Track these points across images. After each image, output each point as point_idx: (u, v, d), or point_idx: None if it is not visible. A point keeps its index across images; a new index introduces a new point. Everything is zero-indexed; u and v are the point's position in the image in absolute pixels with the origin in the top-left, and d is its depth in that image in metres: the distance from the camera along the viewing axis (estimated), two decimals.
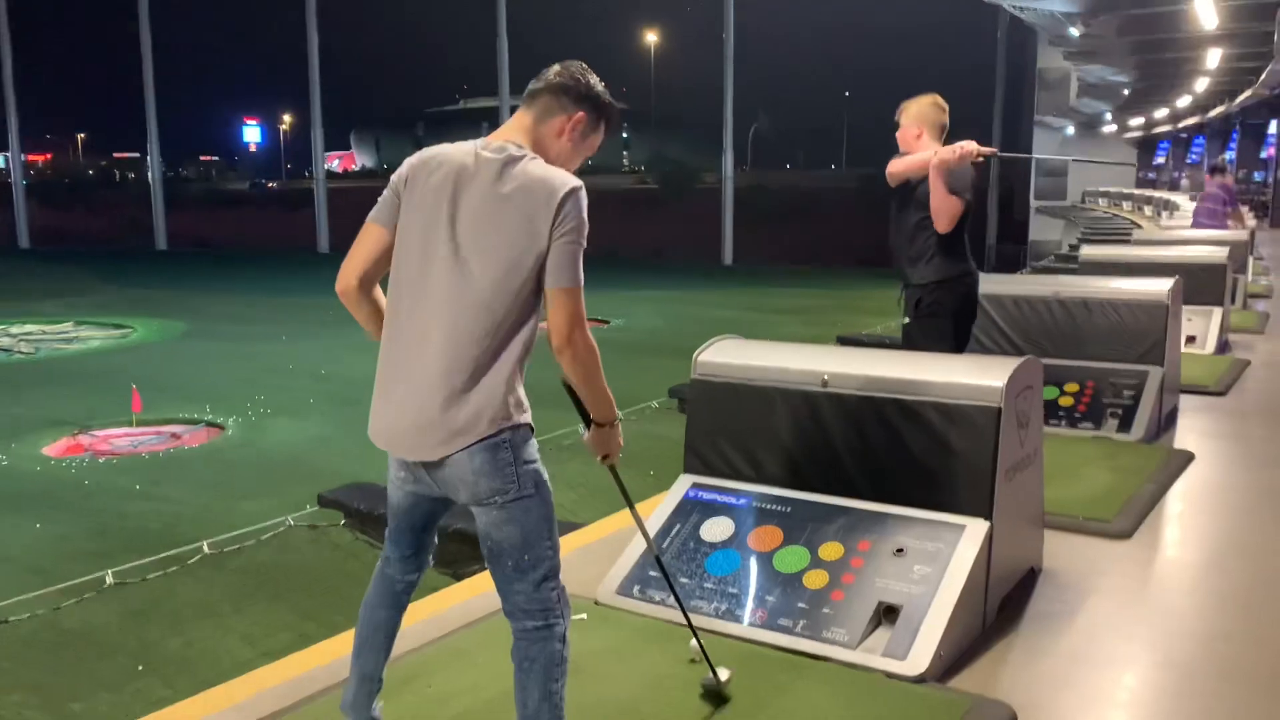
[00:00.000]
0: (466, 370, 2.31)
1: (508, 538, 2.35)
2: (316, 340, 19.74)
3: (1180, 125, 34.59)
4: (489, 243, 2.32)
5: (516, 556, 2.36)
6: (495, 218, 2.32)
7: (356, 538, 7.88)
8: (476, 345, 2.31)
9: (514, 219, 2.31)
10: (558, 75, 2.49)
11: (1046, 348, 6.16)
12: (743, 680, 3.00)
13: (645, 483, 8.97)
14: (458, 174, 2.38)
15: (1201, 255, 8.84)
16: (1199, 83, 23.67)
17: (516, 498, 2.34)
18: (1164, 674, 3.26)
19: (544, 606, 2.38)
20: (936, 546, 3.33)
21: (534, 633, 2.38)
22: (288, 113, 79.97)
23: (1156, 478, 5.02)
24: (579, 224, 2.33)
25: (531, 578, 2.37)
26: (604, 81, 2.55)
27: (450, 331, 2.32)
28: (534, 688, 2.36)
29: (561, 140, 2.48)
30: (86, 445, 12.53)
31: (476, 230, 2.33)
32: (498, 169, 2.36)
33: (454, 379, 2.31)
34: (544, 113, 2.47)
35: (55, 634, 7.11)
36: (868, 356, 3.94)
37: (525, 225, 2.30)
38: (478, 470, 2.31)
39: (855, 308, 23.89)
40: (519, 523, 2.35)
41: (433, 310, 2.35)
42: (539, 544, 2.37)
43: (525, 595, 2.37)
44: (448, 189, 2.37)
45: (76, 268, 34.56)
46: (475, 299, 2.31)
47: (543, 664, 2.37)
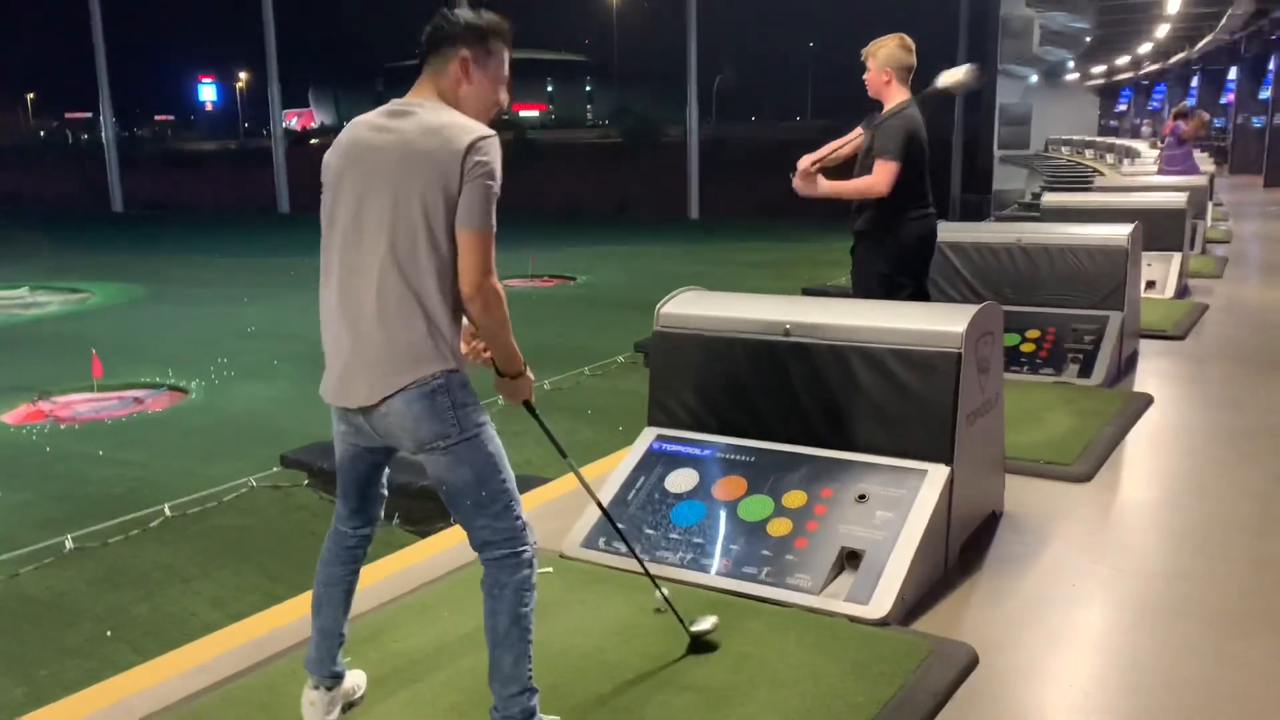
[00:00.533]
0: (395, 319, 2.35)
1: (460, 478, 2.40)
2: (278, 301, 19.52)
3: (1142, 72, 34.72)
4: (403, 192, 2.34)
5: (474, 494, 2.41)
6: (406, 169, 2.35)
7: (321, 498, 7.84)
8: (402, 293, 2.35)
9: (422, 168, 2.33)
10: (427, 33, 2.51)
11: (1008, 294, 6.20)
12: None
13: (614, 437, 9.00)
14: (367, 139, 2.44)
15: (1161, 201, 8.90)
16: (1160, 29, 23.71)
17: (459, 439, 2.38)
18: (1122, 612, 3.32)
19: (509, 535, 2.43)
20: (898, 492, 3.36)
21: (502, 560, 2.43)
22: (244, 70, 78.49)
23: (1116, 421, 5.08)
24: (489, 169, 2.34)
25: (491, 510, 2.42)
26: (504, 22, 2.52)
27: (378, 283, 2.36)
28: (504, 613, 2.40)
29: (465, 85, 2.48)
30: (47, 411, 12.36)
31: (392, 182, 2.36)
32: (407, 126, 2.39)
33: (384, 328, 2.36)
34: (437, 70, 2.48)
35: (20, 601, 7.04)
36: (829, 305, 3.94)
37: (434, 172, 2.32)
38: (417, 417, 2.36)
39: (821, 260, 23.90)
40: (468, 463, 2.39)
41: (360, 264, 2.40)
42: (492, 479, 2.41)
43: (490, 528, 2.42)
44: (371, 153, 2.41)
45: (30, 232, 33.87)
46: (397, 248, 2.35)
47: (513, 588, 2.41)
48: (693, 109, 40.70)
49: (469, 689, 2.72)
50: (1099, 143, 28.99)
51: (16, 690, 5.89)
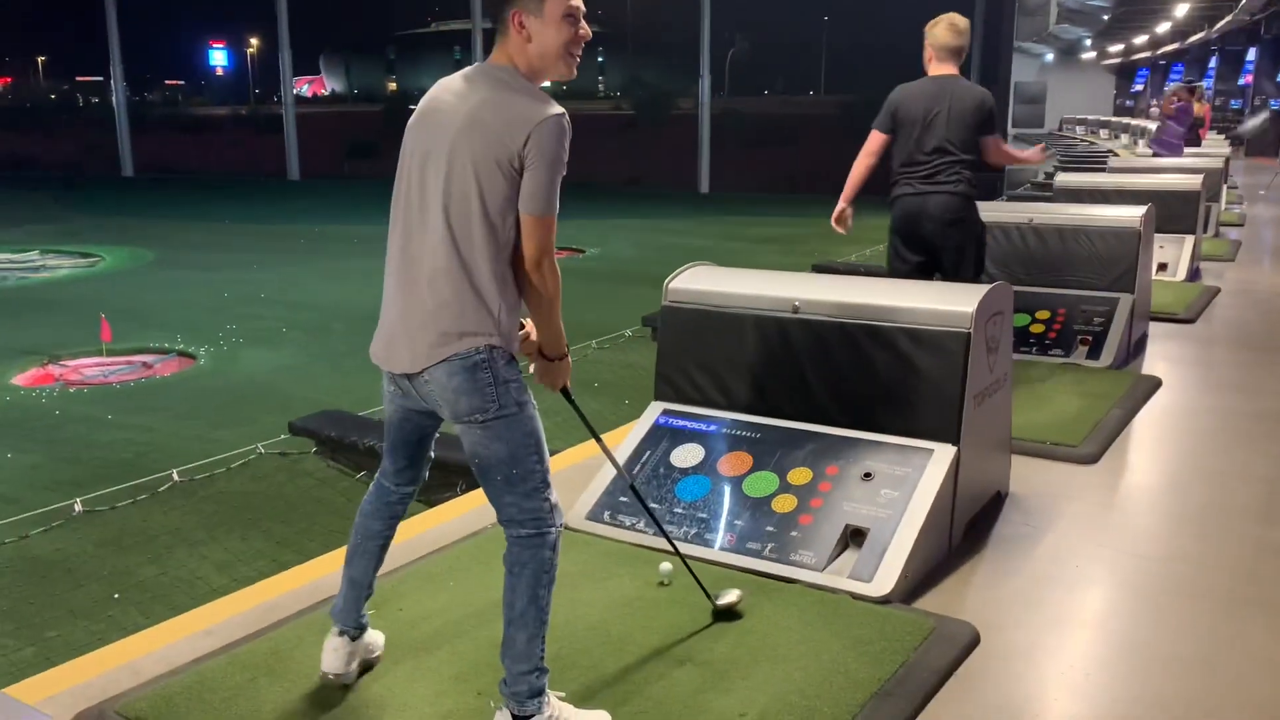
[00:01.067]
0: (445, 288, 2.35)
1: (494, 454, 2.40)
2: (288, 268, 19.54)
3: (1159, 52, 34.39)
4: (460, 162, 2.33)
5: (505, 471, 2.41)
6: (467, 139, 2.33)
7: (329, 465, 7.88)
8: (453, 263, 2.35)
9: (483, 141, 2.31)
10: None
11: (1020, 275, 6.18)
12: (710, 604, 3.04)
13: (620, 411, 9.03)
14: (439, 101, 2.44)
15: (1175, 183, 8.85)
16: (1179, 8, 23.46)
17: (498, 415, 2.38)
18: (1125, 594, 3.33)
19: (535, 516, 2.43)
20: (904, 471, 3.36)
21: (526, 539, 2.43)
22: (255, 35, 78.11)
23: (1124, 403, 5.08)
24: (556, 153, 2.31)
25: (521, 489, 2.42)
26: None
27: (431, 251, 2.37)
28: (523, 591, 2.41)
29: (526, 43, 2.41)
30: (57, 375, 12.42)
31: (451, 150, 2.35)
32: (474, 95, 2.38)
33: (433, 296, 2.36)
34: (502, 34, 2.44)
35: (28, 562, 7.11)
36: (838, 283, 3.93)
37: (494, 147, 2.30)
38: (457, 389, 2.36)
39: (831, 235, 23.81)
40: (503, 439, 2.39)
41: (419, 229, 2.40)
42: (525, 458, 2.41)
43: (517, 506, 2.43)
44: (440, 121, 2.40)
45: (41, 195, 33.92)
46: (451, 218, 2.34)
47: (533, 569, 2.42)
48: (705, 82, 40.43)
49: (474, 660, 2.75)
50: (1114, 123, 28.76)
51: (26, 650, 5.96)
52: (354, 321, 14.49)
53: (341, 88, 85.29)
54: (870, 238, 21.50)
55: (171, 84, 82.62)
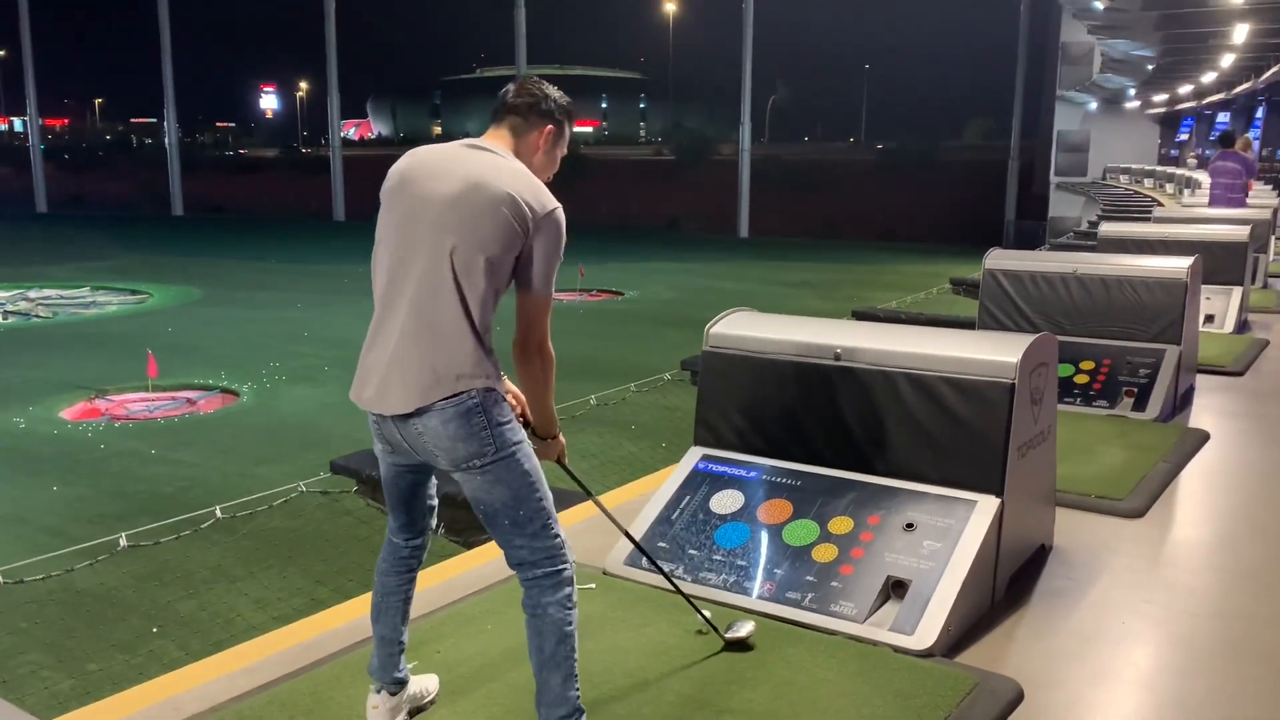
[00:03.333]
0: (446, 332, 2.40)
1: (498, 498, 2.41)
2: (331, 307, 19.81)
3: (1205, 101, 34.14)
4: (468, 226, 2.40)
5: (511, 514, 2.42)
6: (477, 199, 2.41)
7: (368, 504, 7.93)
8: (455, 309, 2.40)
9: (494, 203, 2.40)
10: (520, 94, 2.62)
11: (1063, 325, 6.11)
12: (750, 654, 3.00)
13: (657, 454, 9.03)
14: (439, 158, 2.53)
15: (1222, 233, 8.74)
16: (1225, 58, 23.31)
17: (495, 459, 2.40)
18: (1174, 652, 3.25)
19: (549, 554, 2.43)
20: (947, 522, 3.32)
21: (543, 579, 2.43)
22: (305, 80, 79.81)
23: (1171, 457, 4.99)
24: (558, 242, 2.47)
25: (529, 529, 2.43)
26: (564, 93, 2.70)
27: (432, 294, 2.41)
28: (550, 632, 2.41)
29: (540, 154, 2.62)
30: (103, 409, 12.64)
31: (459, 203, 2.42)
32: (485, 160, 2.49)
33: (433, 339, 2.40)
34: (516, 130, 2.60)
35: (71, 595, 7.19)
36: (880, 330, 3.91)
37: (505, 216, 2.39)
38: (453, 436, 2.38)
39: (871, 282, 23.80)
40: (504, 482, 2.41)
41: (416, 274, 2.43)
42: (529, 498, 2.42)
43: (528, 548, 2.43)
44: (441, 174, 2.48)
45: (93, 232, 34.71)
46: (456, 266, 2.40)
47: (555, 607, 2.42)
48: (745, 127, 40.77)
49: (512, 704, 2.73)
50: (1158, 172, 28.52)
51: (65, 683, 6.02)
52: None
53: (388, 131, 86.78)
54: (911, 284, 21.45)
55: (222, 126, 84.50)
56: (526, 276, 2.44)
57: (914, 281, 22.19)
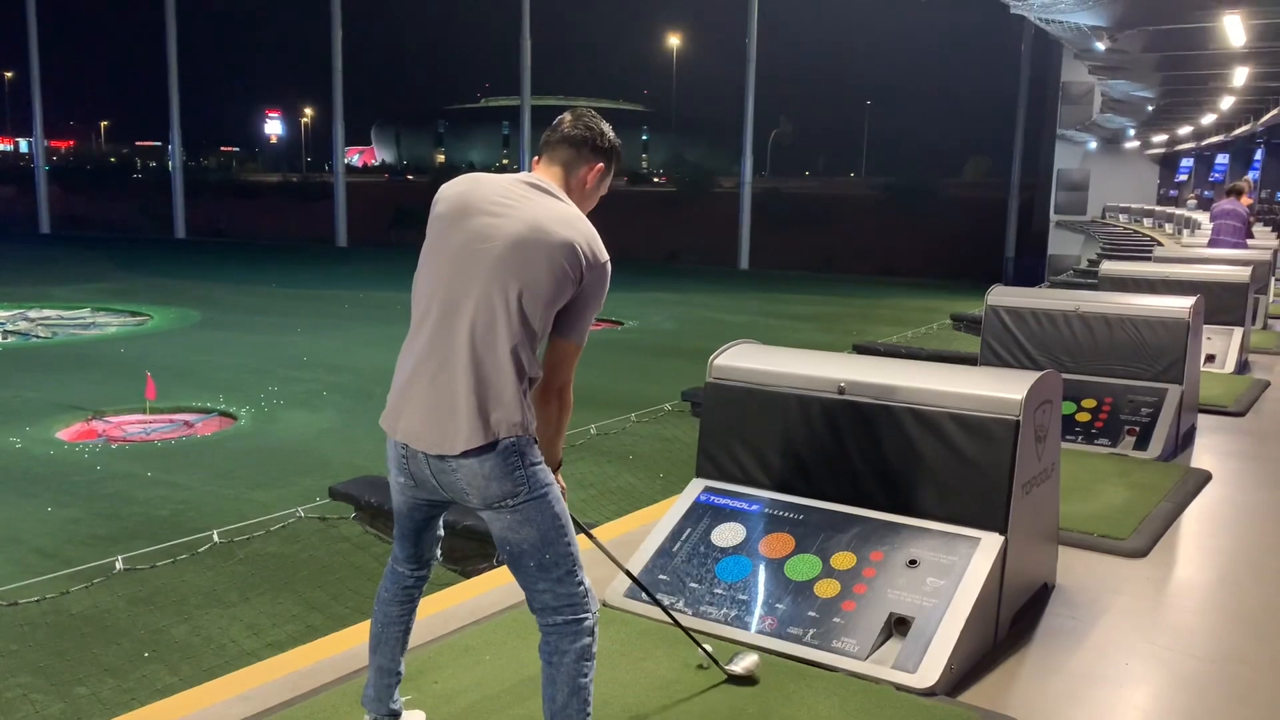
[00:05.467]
0: (494, 375, 2.37)
1: (526, 539, 2.38)
2: (331, 333, 19.81)
3: (1204, 143, 34.36)
4: (530, 271, 2.38)
5: (538, 556, 2.39)
6: (538, 242, 2.39)
7: (366, 531, 7.89)
8: (505, 352, 2.38)
9: (554, 250, 2.39)
10: (574, 127, 2.59)
11: (1065, 362, 6.11)
12: (749, 689, 2.98)
13: (654, 485, 8.99)
14: (498, 192, 2.49)
15: (1223, 274, 8.76)
16: (1224, 101, 23.50)
17: (527, 499, 2.37)
18: (1176, 693, 3.22)
19: (571, 601, 2.40)
20: (950, 559, 3.30)
21: (563, 627, 2.39)
22: (309, 106, 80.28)
23: (1173, 496, 4.97)
24: (603, 293, 2.50)
25: (555, 574, 2.39)
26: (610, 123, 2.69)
27: (484, 334, 2.38)
28: (563, 682, 2.37)
29: (587, 190, 2.62)
30: (100, 430, 12.60)
31: (522, 257, 2.38)
32: (548, 205, 2.47)
33: (482, 382, 2.37)
34: (568, 163, 2.58)
35: (63, 617, 7.14)
36: (885, 365, 3.91)
37: (566, 264, 2.39)
38: (488, 475, 2.35)
39: (871, 316, 23.83)
40: (534, 523, 2.38)
41: (466, 310, 2.39)
42: (557, 541, 2.39)
43: (552, 593, 2.39)
44: (497, 210, 2.45)
45: (96, 254, 34.78)
46: (509, 314, 2.37)
47: (573, 657, 2.38)
48: (747, 161, 40.99)
49: None
50: (1157, 212, 28.67)
51: (54, 707, 5.95)
52: None
53: (391, 158, 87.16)
54: (912, 319, 21.48)
55: (226, 150, 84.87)
56: (568, 324, 2.45)
57: (914, 316, 22.23)
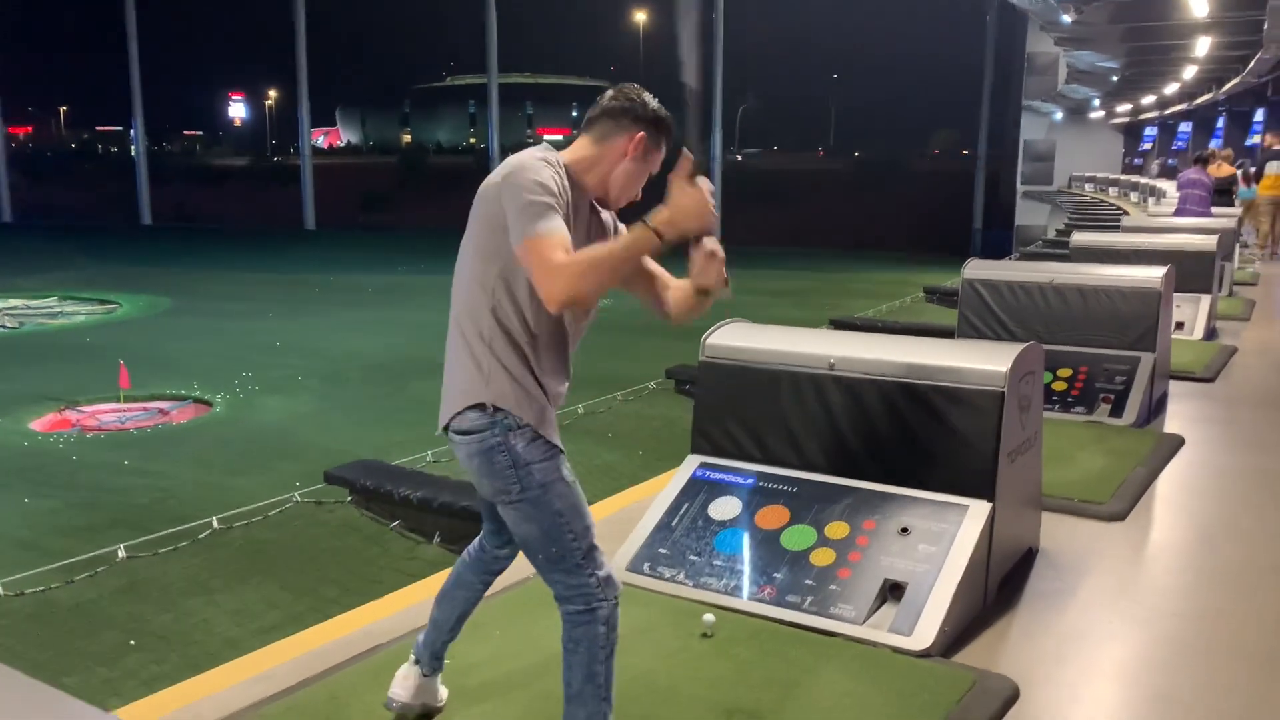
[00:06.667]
0: (456, 350, 2.44)
1: (528, 533, 2.42)
2: (303, 317, 19.69)
3: (1167, 112, 34.74)
4: (473, 229, 2.43)
5: (544, 550, 2.42)
6: (478, 207, 2.43)
7: (362, 514, 7.92)
8: (460, 328, 2.44)
9: (479, 203, 2.42)
10: (614, 99, 2.52)
11: (1040, 333, 6.24)
12: (752, 655, 3.07)
13: (634, 461, 9.07)
14: None
15: (1191, 243, 8.94)
16: (1187, 70, 23.78)
17: (520, 498, 2.38)
18: (1158, 649, 3.35)
19: (582, 592, 2.42)
20: (941, 526, 3.41)
21: (577, 616, 2.43)
22: (273, 88, 79.26)
23: (1148, 461, 5.11)
24: (520, 185, 2.31)
25: (563, 567, 2.41)
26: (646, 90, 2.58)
27: (454, 317, 2.47)
28: (578, 669, 2.42)
29: (625, 161, 2.52)
30: (74, 421, 12.48)
31: (471, 221, 2.45)
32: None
33: (451, 358, 2.46)
34: (603, 135, 2.50)
35: (47, 608, 7.12)
36: (873, 341, 4.00)
37: (483, 207, 2.40)
38: (477, 470, 2.42)
39: (845, 290, 23.95)
40: (533, 519, 2.40)
41: (453, 301, 2.49)
42: (560, 536, 2.40)
43: (563, 583, 2.43)
44: None
45: (60, 242, 34.26)
46: (462, 286, 2.44)
47: (586, 646, 2.42)
48: (716, 137, 40.98)
49: (522, 713, 2.78)
50: (1123, 181, 29.00)
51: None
52: (369, 371, 14.57)
53: (357, 139, 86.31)
54: (884, 293, 21.64)
55: (190, 134, 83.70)
56: (512, 237, 2.30)
57: (886, 290, 22.38)
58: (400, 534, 7.86)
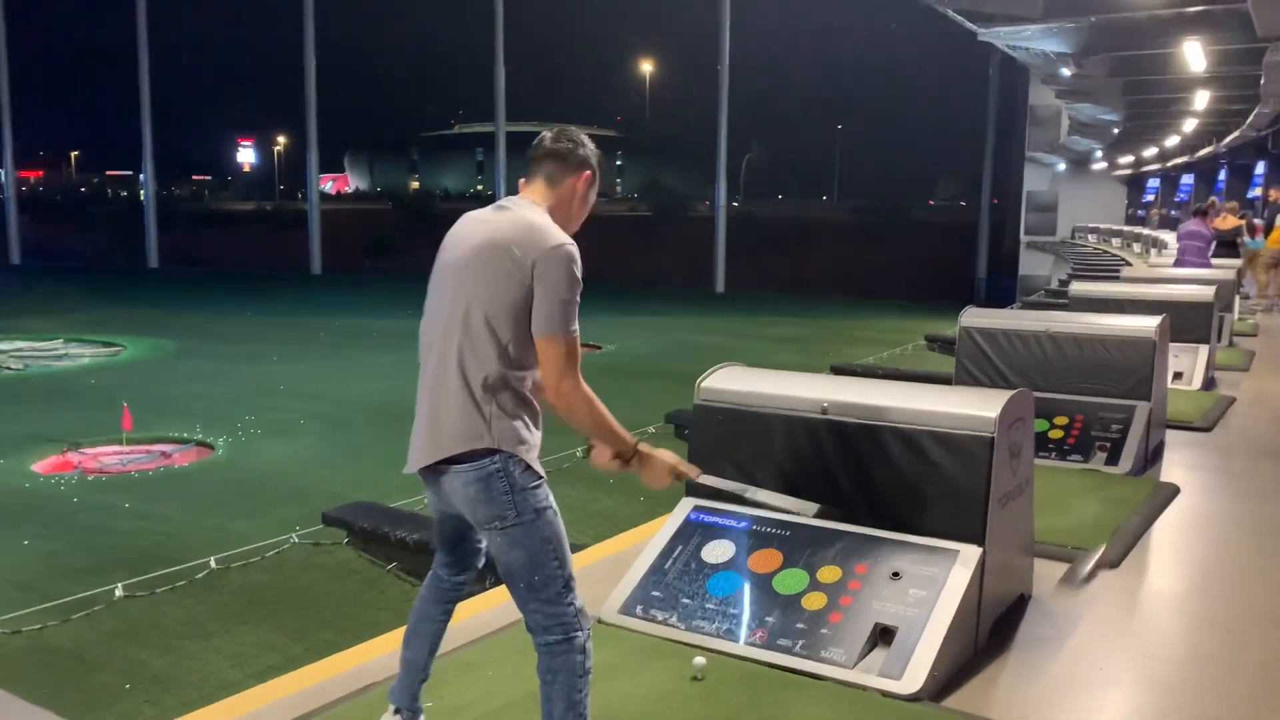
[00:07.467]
0: (453, 392, 2.49)
1: (515, 560, 2.48)
2: (307, 361, 19.78)
3: (1169, 164, 35.01)
4: (477, 276, 2.50)
5: (527, 577, 2.48)
6: (484, 256, 2.51)
7: (359, 556, 7.92)
8: (461, 370, 2.49)
9: (496, 257, 2.49)
10: (557, 140, 2.69)
11: (1037, 381, 6.26)
12: (742, 697, 3.08)
13: (635, 508, 9.07)
14: (469, 223, 2.64)
15: (1189, 293, 8.98)
16: (1187, 123, 24.01)
17: (515, 523, 2.46)
18: (1150, 694, 3.35)
19: (560, 621, 2.48)
20: (931, 571, 3.42)
21: (555, 646, 2.48)
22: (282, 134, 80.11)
23: (1143, 509, 5.12)
24: (567, 278, 2.47)
25: (544, 595, 2.48)
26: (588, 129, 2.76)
27: (445, 358, 2.52)
28: (558, 699, 2.46)
29: (576, 202, 2.70)
30: (76, 463, 12.52)
31: (470, 264, 2.52)
32: (500, 219, 2.58)
33: (445, 400, 2.51)
34: (553, 175, 2.67)
35: (43, 651, 7.11)
36: (866, 386, 4.03)
37: (506, 264, 2.48)
38: (474, 498, 2.47)
39: (847, 337, 24.04)
40: (522, 546, 2.47)
41: (439, 340, 2.55)
42: (546, 564, 2.48)
43: (542, 612, 2.48)
44: (462, 240, 2.60)
45: (67, 284, 34.47)
46: (466, 329, 2.49)
47: (565, 675, 2.47)
48: (721, 185, 41.32)
49: None
50: (1125, 231, 29.17)
51: None
52: (372, 414, 14.62)
53: (365, 185, 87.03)
54: (886, 340, 21.70)
55: (199, 179, 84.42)
56: (538, 318, 2.46)
57: (889, 337, 22.46)
58: (397, 576, 7.85)
